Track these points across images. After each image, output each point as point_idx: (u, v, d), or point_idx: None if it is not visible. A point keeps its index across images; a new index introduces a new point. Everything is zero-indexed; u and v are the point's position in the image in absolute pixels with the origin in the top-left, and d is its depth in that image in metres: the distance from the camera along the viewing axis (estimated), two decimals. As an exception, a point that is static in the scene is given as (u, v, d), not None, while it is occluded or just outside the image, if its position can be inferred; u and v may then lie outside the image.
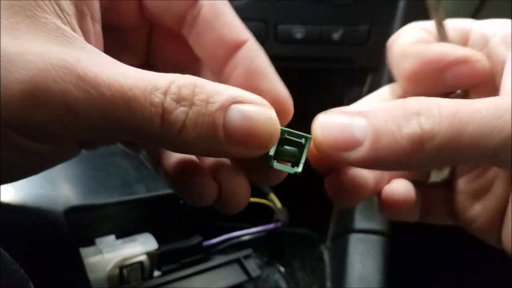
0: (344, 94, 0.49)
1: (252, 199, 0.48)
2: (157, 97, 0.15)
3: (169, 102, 0.15)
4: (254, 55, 0.20)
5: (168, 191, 0.38)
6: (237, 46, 0.20)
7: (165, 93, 0.15)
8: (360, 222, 0.43)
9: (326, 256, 0.46)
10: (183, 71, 0.16)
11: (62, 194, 0.32)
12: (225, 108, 0.16)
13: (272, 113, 0.17)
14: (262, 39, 0.44)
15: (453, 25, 0.22)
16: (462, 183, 0.23)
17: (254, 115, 0.16)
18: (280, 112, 0.18)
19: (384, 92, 0.24)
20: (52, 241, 0.29)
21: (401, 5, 0.42)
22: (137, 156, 0.23)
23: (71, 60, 0.14)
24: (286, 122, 0.20)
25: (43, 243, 0.29)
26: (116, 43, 0.21)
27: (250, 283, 0.41)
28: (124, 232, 0.36)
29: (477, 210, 0.22)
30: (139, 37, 0.22)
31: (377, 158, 0.17)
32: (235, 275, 0.37)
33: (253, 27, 0.44)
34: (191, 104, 0.15)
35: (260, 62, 0.20)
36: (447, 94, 0.22)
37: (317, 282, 0.44)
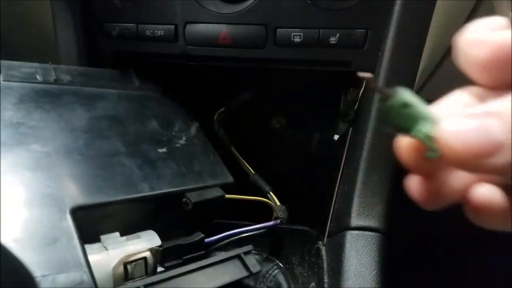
0: (341, 96, 0.50)
1: (252, 198, 0.49)
2: None
3: None
4: None
5: (171, 189, 0.39)
6: None
7: None
8: (356, 219, 0.44)
9: (324, 253, 0.46)
10: None
11: (68, 193, 0.33)
12: None
13: None
14: (261, 43, 0.45)
15: None
16: None
17: None
18: None
19: (462, 96, 0.21)
20: (57, 239, 0.30)
21: (397, 8, 0.42)
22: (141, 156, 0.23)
23: None
24: None
25: (48, 241, 0.29)
26: None
27: (250, 279, 0.42)
28: (129, 229, 0.36)
29: None
30: None
31: None
32: (235, 270, 0.37)
33: (253, 31, 0.45)
34: None
35: None
36: None
37: (315, 278, 0.44)
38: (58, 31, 0.49)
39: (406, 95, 0.18)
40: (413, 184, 0.21)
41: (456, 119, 0.16)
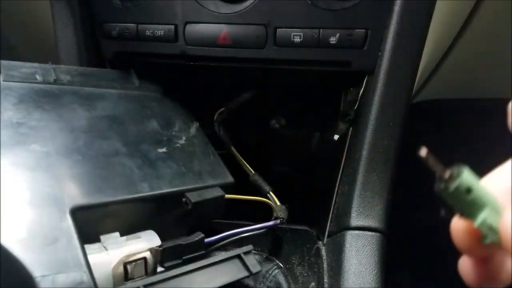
0: (341, 96, 0.50)
1: (253, 198, 0.50)
2: None
3: None
4: None
5: (171, 189, 0.39)
6: None
7: None
8: (356, 219, 0.44)
9: (324, 253, 0.46)
10: None
11: (68, 193, 0.33)
12: None
13: None
14: (261, 43, 0.45)
15: None
16: None
17: None
18: None
19: None
20: (57, 239, 0.30)
21: (397, 8, 0.43)
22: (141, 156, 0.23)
23: None
24: None
25: (48, 241, 0.29)
26: None
27: (250, 279, 0.42)
28: (129, 229, 0.36)
29: None
30: None
31: None
32: (235, 270, 0.37)
33: (253, 31, 0.45)
34: None
35: None
36: None
37: (315, 278, 0.44)
38: (58, 31, 0.49)
39: (469, 178, 0.17)
40: (466, 267, 0.20)
41: None
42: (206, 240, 0.40)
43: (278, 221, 0.45)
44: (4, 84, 0.38)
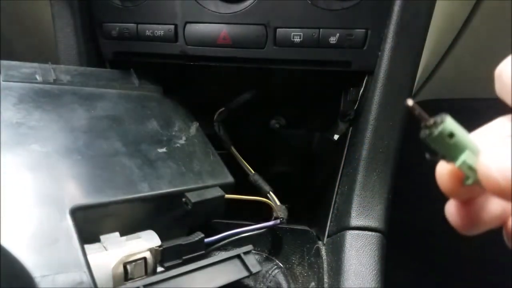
0: (341, 96, 0.50)
1: (253, 198, 0.50)
2: None
3: None
4: None
5: (171, 189, 0.39)
6: None
7: None
8: (356, 219, 0.44)
9: (324, 252, 0.46)
10: None
11: (68, 193, 0.33)
12: None
13: None
14: (261, 43, 0.45)
15: None
16: None
17: None
18: None
19: (505, 124, 0.20)
20: (56, 239, 0.30)
21: (397, 8, 0.42)
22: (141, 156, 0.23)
23: None
24: None
25: (48, 242, 0.29)
26: None
27: (250, 279, 0.42)
28: (129, 229, 0.36)
29: None
30: None
31: None
32: (235, 270, 0.37)
33: (253, 31, 0.45)
34: None
35: None
36: None
37: (315, 278, 0.44)
38: (58, 31, 0.49)
39: (451, 124, 0.18)
40: (452, 210, 0.21)
41: (497, 151, 0.17)
42: (206, 240, 0.40)
43: (278, 221, 0.45)
44: (4, 84, 0.38)
